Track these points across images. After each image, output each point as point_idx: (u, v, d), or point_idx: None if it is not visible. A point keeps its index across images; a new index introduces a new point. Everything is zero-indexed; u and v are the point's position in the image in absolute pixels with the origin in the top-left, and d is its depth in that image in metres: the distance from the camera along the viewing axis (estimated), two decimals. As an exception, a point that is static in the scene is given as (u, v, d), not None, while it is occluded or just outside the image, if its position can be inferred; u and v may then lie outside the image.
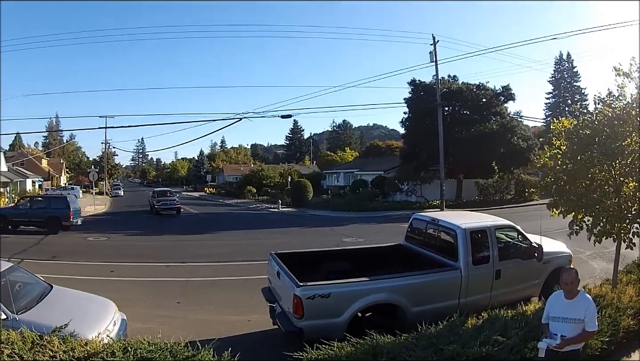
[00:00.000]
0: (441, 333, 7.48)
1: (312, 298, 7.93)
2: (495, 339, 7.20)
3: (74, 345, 6.88)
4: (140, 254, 21.46)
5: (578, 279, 6.20)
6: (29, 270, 11.11)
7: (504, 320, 7.95)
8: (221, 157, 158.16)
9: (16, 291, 9.22)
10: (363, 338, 7.33)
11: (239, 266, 18.21)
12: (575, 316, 5.93)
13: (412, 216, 12.25)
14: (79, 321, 8.13)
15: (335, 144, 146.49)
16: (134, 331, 9.46)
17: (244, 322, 10.88)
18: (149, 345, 6.97)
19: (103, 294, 10.88)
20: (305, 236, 26.76)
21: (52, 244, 24.28)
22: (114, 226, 33.96)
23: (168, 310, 12.16)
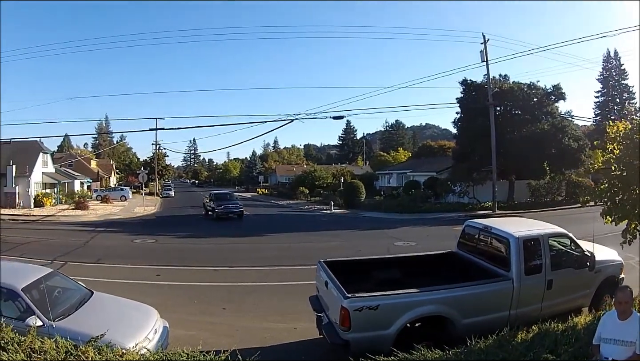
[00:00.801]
0: (490, 349, 7.43)
1: (360, 310, 7.85)
2: (545, 358, 6.95)
3: (109, 356, 6.85)
4: (188, 257, 21.65)
5: (632, 299, 5.80)
6: (68, 275, 11.24)
7: (555, 335, 7.79)
8: (274, 158, 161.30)
9: (55, 298, 9.39)
10: (410, 353, 7.26)
11: (288, 270, 18.21)
12: (628, 339, 5.49)
13: (465, 223, 12.02)
14: (118, 330, 8.17)
15: (388, 144, 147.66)
16: (176, 338, 9.49)
17: (290, 330, 10.89)
18: (188, 357, 6.91)
19: (148, 299, 11.04)
20: (357, 240, 26.45)
21: (98, 246, 24.88)
22: (163, 227, 34.61)
23: (213, 316, 12.26)
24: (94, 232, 31.08)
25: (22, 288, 8.82)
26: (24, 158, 51.81)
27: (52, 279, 10.07)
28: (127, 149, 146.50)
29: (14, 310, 8.77)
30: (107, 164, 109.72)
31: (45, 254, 21.08)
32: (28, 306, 8.52)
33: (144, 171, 60.01)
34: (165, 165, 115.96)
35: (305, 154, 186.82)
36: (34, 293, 9.03)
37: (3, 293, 8.93)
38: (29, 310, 8.44)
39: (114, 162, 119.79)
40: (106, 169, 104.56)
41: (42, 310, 8.43)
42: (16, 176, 49.85)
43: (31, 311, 8.39)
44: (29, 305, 8.52)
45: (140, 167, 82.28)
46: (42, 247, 24.25)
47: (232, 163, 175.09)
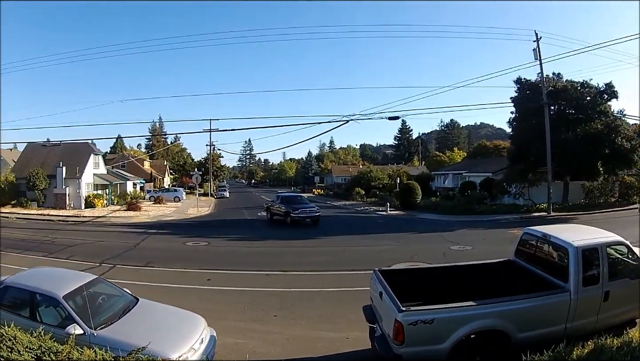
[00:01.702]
0: (546, 366, 7.01)
1: (415, 323, 7.77)
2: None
3: None
4: (240, 261, 21.68)
5: None
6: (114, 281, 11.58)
7: (610, 351, 7.60)
8: (330, 158, 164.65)
9: (98, 305, 9.53)
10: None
11: (342, 276, 18.14)
12: None
13: (524, 230, 11.66)
14: (162, 340, 8.23)
15: (444, 144, 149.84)
16: (224, 347, 9.57)
17: (342, 339, 10.83)
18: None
19: (197, 305, 11.20)
20: (413, 243, 26.06)
21: (149, 249, 25.23)
22: (216, 230, 34.74)
23: (263, 323, 12.26)
24: (145, 234, 31.56)
25: (64, 296, 8.94)
26: (75, 159, 53.69)
27: (97, 286, 10.21)
28: (181, 150, 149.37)
29: (55, 317, 8.92)
30: (160, 165, 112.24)
31: (93, 257, 21.63)
32: (69, 314, 8.62)
33: (198, 172, 60.39)
34: (220, 166, 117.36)
35: (361, 154, 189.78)
36: (77, 301, 9.15)
37: (44, 300, 9.13)
38: (70, 318, 8.54)
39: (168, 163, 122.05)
40: (160, 170, 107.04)
41: (83, 318, 8.51)
42: (66, 177, 51.41)
43: (72, 319, 8.50)
44: (69, 313, 8.62)
45: (195, 168, 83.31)
46: (91, 249, 24.77)
47: (288, 163, 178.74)
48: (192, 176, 59.36)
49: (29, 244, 25.79)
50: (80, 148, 56.04)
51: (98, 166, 59.64)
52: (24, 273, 11.01)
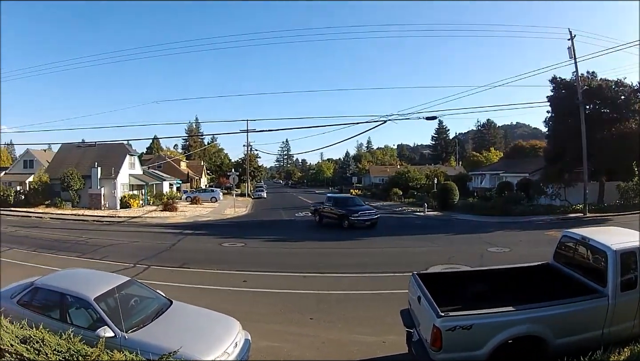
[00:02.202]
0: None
1: (453, 329, 7.73)
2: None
3: None
4: (277, 262, 21.62)
5: None
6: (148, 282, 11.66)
7: None
8: (367, 158, 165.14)
9: (130, 307, 9.56)
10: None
11: (379, 277, 18.05)
12: None
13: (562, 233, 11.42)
14: (195, 343, 8.19)
15: (480, 144, 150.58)
16: (259, 350, 9.61)
17: (379, 343, 10.80)
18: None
19: (232, 307, 11.25)
20: (450, 245, 25.64)
21: (184, 250, 25.37)
22: (253, 230, 34.94)
23: (299, 326, 12.27)
24: (181, 235, 31.87)
25: (95, 298, 8.96)
26: (110, 160, 54.69)
27: (129, 288, 10.24)
28: (218, 150, 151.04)
29: (85, 319, 8.93)
30: (197, 166, 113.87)
31: (128, 257, 21.82)
32: (100, 317, 8.63)
33: (235, 173, 60.62)
34: (257, 166, 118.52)
35: (398, 154, 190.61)
36: (108, 303, 9.18)
37: (75, 301, 9.17)
38: (101, 320, 8.54)
39: (205, 163, 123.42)
40: (197, 171, 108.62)
41: (114, 320, 8.50)
42: (101, 178, 52.41)
43: (103, 321, 8.49)
44: (100, 315, 8.63)
45: (232, 169, 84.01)
46: (126, 249, 25.10)
47: (326, 164, 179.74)
48: (229, 176, 59.79)
49: (62, 245, 26.21)
50: (115, 149, 57.00)
51: (134, 167, 60.61)
52: (54, 274, 11.13)
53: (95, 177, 51.82)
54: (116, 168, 53.64)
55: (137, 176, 59.74)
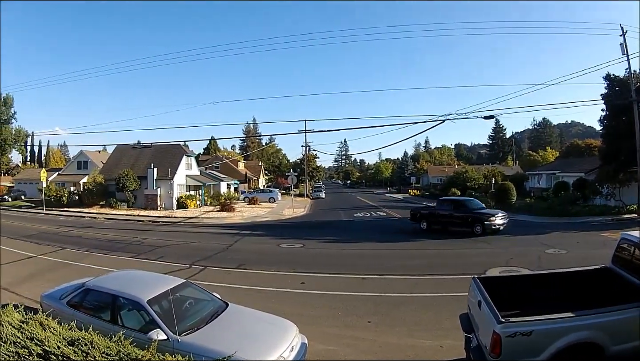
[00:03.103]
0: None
1: (513, 335, 7.62)
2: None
3: None
4: (335, 264, 21.61)
5: None
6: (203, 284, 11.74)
7: None
8: (425, 158, 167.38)
9: (184, 310, 9.55)
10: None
11: (438, 280, 17.84)
12: None
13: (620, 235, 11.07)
14: (250, 347, 8.08)
15: (537, 143, 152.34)
16: (315, 354, 9.61)
17: (436, 348, 10.74)
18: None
19: (289, 310, 11.35)
20: (508, 246, 25.02)
21: (242, 250, 25.42)
22: (311, 231, 34.92)
23: (357, 329, 12.20)
24: (238, 235, 32.06)
25: (148, 300, 8.99)
26: (167, 161, 55.94)
27: (184, 290, 10.27)
28: (276, 151, 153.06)
29: (138, 321, 8.97)
30: (255, 166, 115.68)
31: (183, 258, 21.99)
32: (152, 319, 8.64)
33: (293, 173, 60.81)
34: (315, 166, 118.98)
35: (456, 154, 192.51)
36: (162, 305, 9.21)
37: (127, 304, 9.24)
38: (154, 323, 8.56)
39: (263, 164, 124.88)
40: (255, 171, 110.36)
41: (168, 323, 8.48)
42: (157, 179, 53.47)
43: (155, 324, 8.51)
44: (153, 318, 8.64)
45: (290, 169, 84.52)
46: (182, 250, 25.36)
47: (384, 164, 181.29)
48: (288, 176, 60.19)
49: (116, 245, 26.76)
50: (172, 150, 58.37)
51: (191, 167, 61.66)
52: (106, 276, 11.28)
53: (152, 178, 52.92)
54: (173, 169, 54.67)
55: (194, 177, 60.70)
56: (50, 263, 21.10)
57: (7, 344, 7.29)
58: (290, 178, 57.32)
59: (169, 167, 54.57)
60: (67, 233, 32.87)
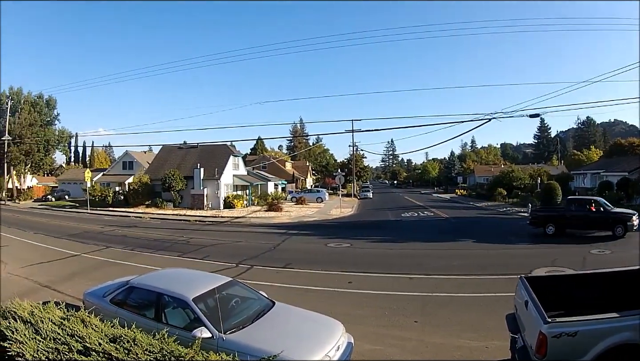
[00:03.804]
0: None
1: (558, 336, 7.59)
2: None
3: None
4: (383, 263, 21.57)
5: None
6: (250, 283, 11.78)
7: None
8: (471, 158, 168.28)
9: (230, 308, 9.60)
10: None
11: (484, 280, 17.84)
12: None
13: None
14: (297, 346, 8.01)
15: (581, 142, 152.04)
16: (361, 354, 9.65)
17: (482, 349, 10.76)
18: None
19: (336, 309, 11.31)
20: (554, 247, 24.72)
21: (289, 250, 25.51)
22: (359, 231, 34.90)
23: (403, 329, 12.22)
24: (285, 235, 32.36)
25: (193, 298, 9.01)
26: (213, 161, 56.55)
27: (230, 289, 10.29)
28: (323, 151, 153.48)
29: (182, 319, 9.01)
30: (303, 166, 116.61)
31: (230, 257, 22.11)
32: (197, 317, 8.64)
33: (341, 172, 60.90)
34: (363, 166, 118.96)
35: (502, 153, 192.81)
36: (207, 303, 9.22)
37: (172, 302, 9.33)
38: (199, 321, 8.55)
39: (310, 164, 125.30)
40: (302, 171, 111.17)
41: (213, 321, 8.46)
42: (204, 178, 54.10)
43: (200, 322, 8.49)
44: (198, 316, 8.64)
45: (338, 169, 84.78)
46: (228, 250, 25.61)
47: (431, 164, 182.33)
48: (335, 176, 60.15)
49: (162, 244, 27.12)
50: (218, 150, 59.05)
51: (238, 167, 62.29)
52: (151, 274, 11.41)
53: (198, 178, 53.58)
54: (219, 169, 55.13)
55: (241, 177, 61.26)
56: (94, 262, 21.55)
57: (46, 340, 7.31)
58: (338, 178, 57.39)
59: (216, 167, 55.08)
60: (112, 232, 33.55)
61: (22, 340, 7.32)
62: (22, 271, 19.36)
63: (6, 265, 20.48)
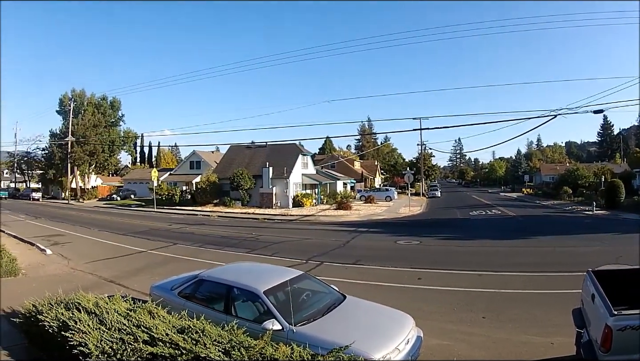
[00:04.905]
0: None
1: (623, 329, 7.31)
2: None
3: None
4: (451, 260, 21.52)
5: None
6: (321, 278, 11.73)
7: None
8: (537, 156, 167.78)
9: (301, 301, 9.57)
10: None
11: (550, 277, 17.84)
12: None
13: None
14: (367, 338, 7.91)
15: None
16: (428, 349, 9.65)
17: (547, 345, 10.70)
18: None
19: (405, 304, 11.08)
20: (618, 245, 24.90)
21: (358, 247, 25.52)
22: (427, 229, 34.89)
23: (471, 325, 12.28)
24: (355, 232, 32.43)
25: (264, 291, 9.03)
26: (282, 160, 56.95)
27: (302, 282, 10.29)
28: (391, 150, 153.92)
29: (252, 312, 9.04)
30: (371, 165, 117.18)
31: (299, 254, 22.22)
32: (268, 309, 8.67)
33: (409, 171, 60.62)
34: (431, 165, 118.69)
35: (567, 152, 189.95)
36: (278, 296, 9.25)
37: (242, 294, 9.38)
38: (269, 313, 8.58)
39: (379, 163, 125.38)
40: (370, 170, 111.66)
41: (283, 313, 8.47)
42: (273, 177, 54.63)
43: (271, 314, 8.52)
44: (269, 308, 8.67)
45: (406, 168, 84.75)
46: (298, 246, 25.83)
47: (498, 162, 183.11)
48: (404, 175, 59.84)
49: (230, 241, 27.49)
50: (287, 149, 59.47)
51: (306, 166, 62.72)
52: (221, 267, 11.52)
53: (267, 176, 54.10)
54: (288, 168, 55.59)
55: (310, 176, 61.65)
56: (160, 258, 22.03)
57: (111, 330, 7.50)
58: (407, 176, 57.12)
59: (285, 166, 55.52)
60: (179, 229, 34.29)
61: (86, 330, 7.51)
62: (85, 266, 20.02)
63: (69, 261, 21.15)
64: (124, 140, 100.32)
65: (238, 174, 54.24)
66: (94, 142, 79.23)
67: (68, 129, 76.78)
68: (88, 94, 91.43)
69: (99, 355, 7.00)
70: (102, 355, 6.99)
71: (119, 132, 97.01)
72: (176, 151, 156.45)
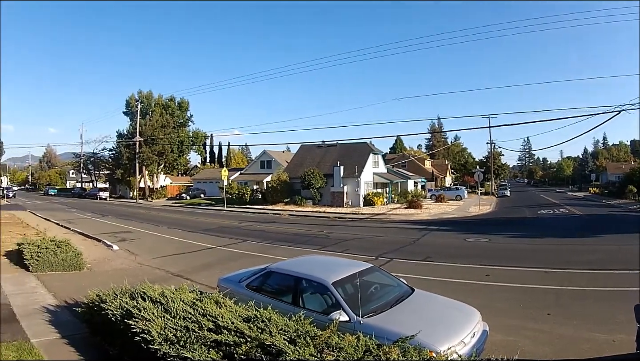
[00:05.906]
0: None
1: None
2: None
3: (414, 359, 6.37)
4: (520, 257, 21.54)
5: None
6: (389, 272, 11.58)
7: None
8: (603, 155, 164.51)
9: (370, 293, 9.63)
10: None
11: (617, 275, 17.43)
12: None
13: None
14: (433, 330, 7.93)
15: None
16: (493, 344, 9.59)
17: (609, 342, 10.64)
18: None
19: (473, 300, 11.11)
20: None
21: (428, 244, 25.50)
22: (497, 227, 34.62)
23: (536, 322, 12.22)
24: (425, 230, 32.40)
25: (333, 282, 9.10)
26: (353, 159, 57.13)
27: (371, 275, 10.33)
28: (462, 150, 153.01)
29: (319, 303, 9.14)
30: (442, 164, 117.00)
31: (369, 251, 22.32)
32: (336, 301, 8.75)
33: (480, 170, 60.20)
34: (500, 164, 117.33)
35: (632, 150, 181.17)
36: (346, 288, 9.28)
37: (311, 286, 9.52)
38: (337, 305, 8.67)
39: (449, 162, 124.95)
40: (441, 169, 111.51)
41: (351, 305, 8.54)
42: (344, 176, 54.77)
43: (338, 305, 8.60)
44: (337, 300, 8.75)
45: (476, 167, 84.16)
46: (368, 244, 25.88)
47: (565, 162, 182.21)
48: (474, 174, 59.49)
49: (300, 238, 27.85)
50: (358, 148, 59.62)
51: (377, 165, 62.71)
52: (289, 261, 11.70)
53: (338, 175, 54.32)
54: (359, 167, 55.57)
55: (381, 175, 61.55)
56: (229, 254, 22.50)
57: (175, 318, 7.71)
58: (477, 175, 56.67)
59: (356, 165, 55.58)
60: (249, 227, 34.84)
61: (150, 318, 7.74)
62: (153, 262, 20.62)
63: (136, 256, 21.81)
64: (193, 140, 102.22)
65: (309, 173, 54.62)
66: (162, 143, 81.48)
67: (135, 130, 79.74)
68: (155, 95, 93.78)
69: (161, 342, 7.20)
70: (165, 342, 7.19)
71: (188, 132, 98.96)
72: (246, 151, 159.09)
